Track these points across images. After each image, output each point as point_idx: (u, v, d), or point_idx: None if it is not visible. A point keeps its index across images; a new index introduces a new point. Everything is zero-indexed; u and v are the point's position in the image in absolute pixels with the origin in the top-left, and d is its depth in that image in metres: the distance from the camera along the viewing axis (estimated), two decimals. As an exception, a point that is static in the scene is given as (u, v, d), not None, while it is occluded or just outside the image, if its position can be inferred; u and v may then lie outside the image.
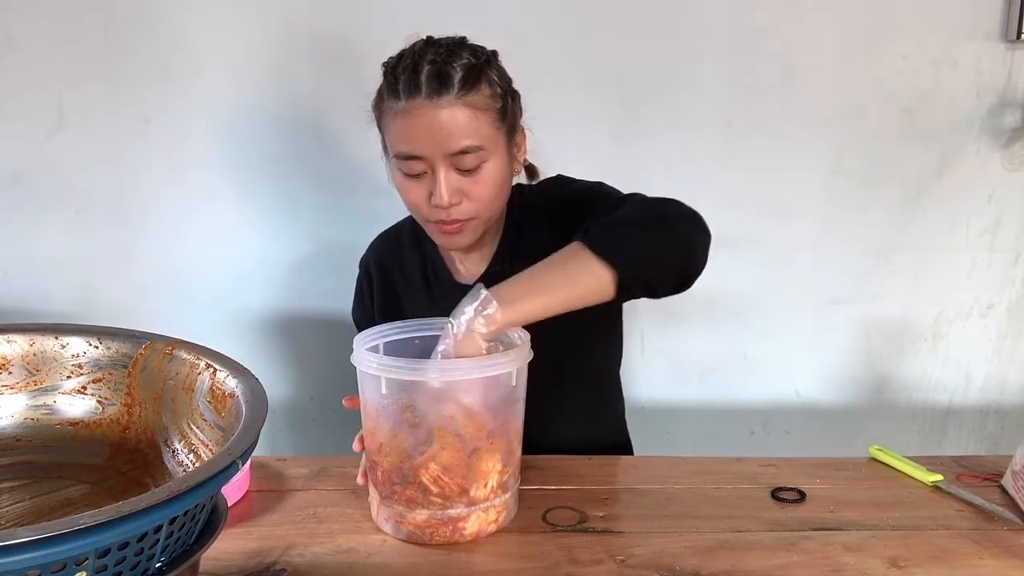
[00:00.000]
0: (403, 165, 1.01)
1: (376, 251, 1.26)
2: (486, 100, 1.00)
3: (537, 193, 1.17)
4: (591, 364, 1.21)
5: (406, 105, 0.97)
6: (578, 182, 1.14)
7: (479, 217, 1.04)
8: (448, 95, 0.96)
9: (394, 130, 1.00)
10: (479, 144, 0.99)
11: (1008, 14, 1.58)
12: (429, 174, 1.00)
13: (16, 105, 1.58)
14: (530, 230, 1.14)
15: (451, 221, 1.02)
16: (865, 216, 1.68)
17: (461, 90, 0.97)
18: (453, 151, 0.98)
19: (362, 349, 0.88)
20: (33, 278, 1.65)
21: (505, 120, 1.03)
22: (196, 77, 1.58)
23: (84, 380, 0.77)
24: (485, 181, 1.01)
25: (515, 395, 0.90)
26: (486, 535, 0.90)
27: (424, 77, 0.96)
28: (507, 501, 0.91)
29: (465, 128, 0.97)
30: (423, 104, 0.96)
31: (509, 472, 0.91)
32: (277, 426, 1.74)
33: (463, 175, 1.00)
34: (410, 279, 1.21)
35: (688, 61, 1.60)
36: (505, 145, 1.04)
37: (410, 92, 0.97)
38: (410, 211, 1.09)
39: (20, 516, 0.66)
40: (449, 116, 0.96)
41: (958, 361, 1.78)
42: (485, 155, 1.00)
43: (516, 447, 0.92)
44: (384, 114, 1.02)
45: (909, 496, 1.00)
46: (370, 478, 0.93)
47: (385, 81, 1.02)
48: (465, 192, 1.01)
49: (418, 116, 0.97)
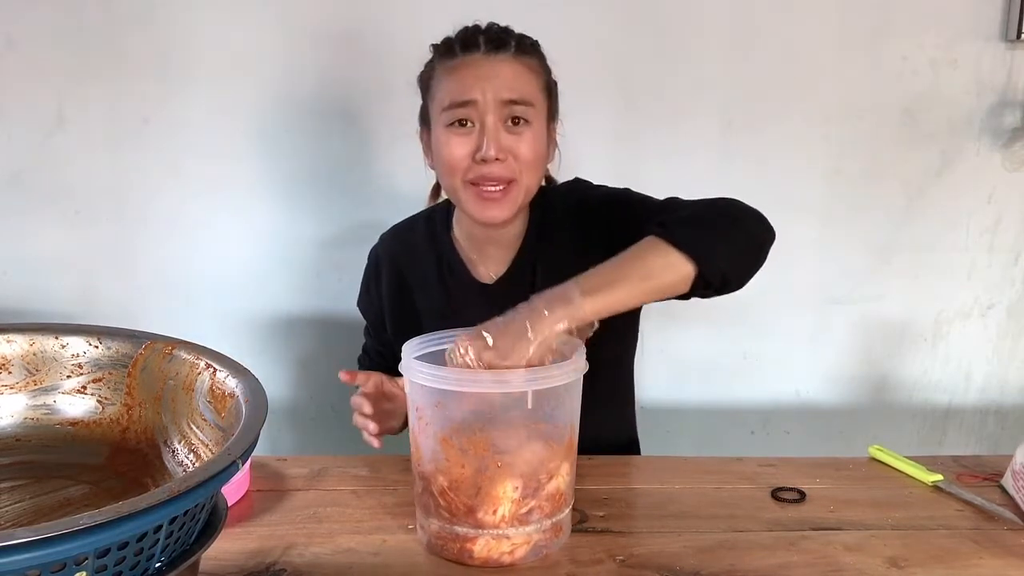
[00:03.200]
0: (452, 114, 1.02)
1: (388, 243, 1.24)
2: (537, 66, 1.06)
3: (559, 196, 1.16)
4: (607, 351, 1.19)
5: (463, 59, 1.02)
6: (603, 187, 1.15)
7: (519, 181, 1.04)
8: (506, 51, 1.02)
9: (447, 83, 1.03)
10: (530, 99, 1.03)
11: (1008, 14, 1.58)
12: (476, 128, 1.02)
13: (16, 105, 1.58)
14: (554, 233, 1.13)
15: (493, 182, 1.02)
16: (865, 216, 1.68)
17: (517, 50, 1.03)
18: (506, 99, 1.01)
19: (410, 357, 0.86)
20: (33, 278, 1.65)
21: (550, 97, 1.08)
22: (196, 77, 1.57)
23: (84, 380, 0.77)
24: (528, 143, 1.03)
25: (533, 417, 0.83)
26: (498, 564, 0.84)
27: (482, 38, 1.02)
28: (529, 535, 0.84)
29: (519, 80, 1.02)
30: (480, 58, 1.02)
31: (532, 506, 0.83)
32: (277, 426, 1.74)
33: (511, 130, 1.02)
34: (424, 275, 1.18)
35: (688, 60, 1.60)
36: (547, 120, 1.08)
37: (467, 48, 1.02)
38: (446, 179, 1.07)
39: (20, 516, 0.66)
40: (505, 67, 1.02)
41: (958, 361, 1.78)
42: (533, 113, 1.03)
43: (547, 482, 0.83)
44: (434, 76, 1.06)
45: (909, 496, 1.00)
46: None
47: (438, 50, 1.06)
48: (512, 150, 1.02)
49: (475, 67, 1.01)
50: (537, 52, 1.07)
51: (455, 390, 0.81)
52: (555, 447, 0.85)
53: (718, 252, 0.90)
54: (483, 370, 0.81)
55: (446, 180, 1.07)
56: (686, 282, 0.90)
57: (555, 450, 0.84)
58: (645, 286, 0.89)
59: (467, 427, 0.82)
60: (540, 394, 0.82)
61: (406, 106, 1.65)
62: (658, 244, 0.90)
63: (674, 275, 0.89)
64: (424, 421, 0.85)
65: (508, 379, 0.80)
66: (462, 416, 0.83)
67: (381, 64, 1.57)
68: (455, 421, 0.83)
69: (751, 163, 1.64)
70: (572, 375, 0.83)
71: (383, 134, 1.61)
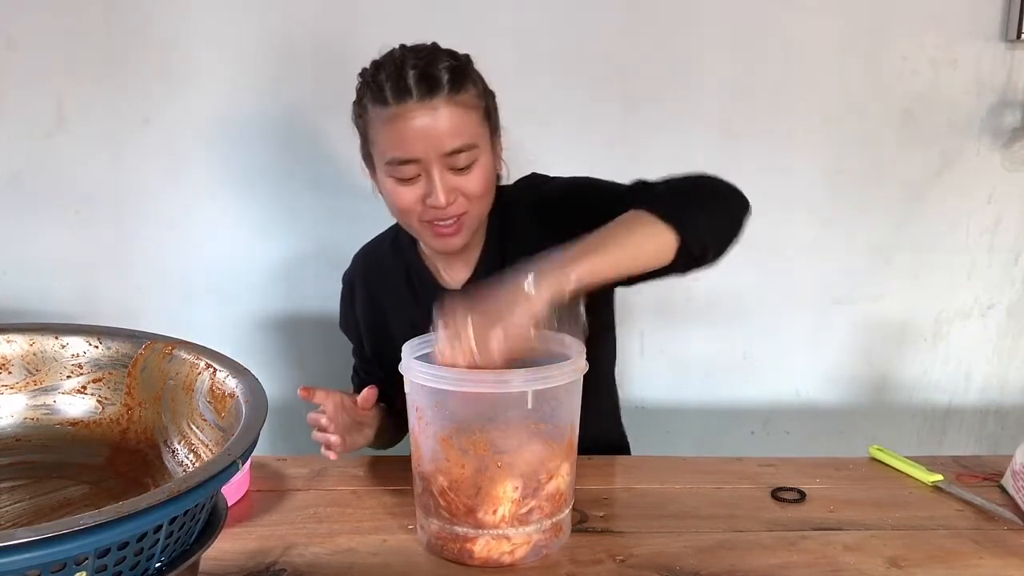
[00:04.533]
0: (396, 171, 1.01)
1: (358, 266, 1.27)
2: (473, 99, 1.01)
3: (516, 193, 1.15)
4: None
5: (396, 110, 0.97)
6: (559, 177, 1.14)
7: (471, 213, 1.04)
8: (439, 96, 0.97)
9: (384, 136, 1.00)
10: (472, 142, 1.00)
11: (1008, 14, 1.58)
12: (423, 177, 1.01)
13: (16, 105, 1.57)
14: (516, 231, 1.13)
15: (446, 221, 1.03)
16: (865, 216, 1.68)
17: (451, 91, 0.97)
18: (448, 151, 0.98)
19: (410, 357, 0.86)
20: (33, 278, 1.65)
21: (490, 119, 1.06)
22: (196, 77, 1.57)
23: (84, 380, 0.77)
24: (476, 178, 1.02)
25: (533, 417, 0.83)
26: (498, 564, 0.84)
27: (412, 80, 0.96)
28: (529, 535, 0.85)
29: (458, 127, 0.98)
30: (414, 107, 0.96)
31: (532, 506, 0.84)
32: (277, 426, 1.74)
33: (457, 174, 1.01)
34: (394, 289, 1.20)
35: (688, 61, 1.59)
36: (491, 143, 1.06)
37: (399, 96, 0.97)
38: (399, 218, 1.08)
39: (20, 516, 0.66)
40: (442, 116, 0.97)
41: (958, 361, 1.77)
42: (477, 152, 1.01)
43: (547, 482, 0.84)
44: (370, 123, 1.02)
45: (909, 496, 1.01)
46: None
47: (368, 89, 1.01)
48: (460, 189, 1.02)
49: (410, 119, 0.97)
50: (469, 77, 1.01)
51: (455, 390, 0.81)
52: (555, 447, 0.85)
53: (700, 222, 0.93)
54: (482, 370, 0.81)
55: (400, 219, 1.08)
56: (669, 251, 0.91)
57: (555, 450, 0.85)
58: (629, 253, 0.90)
59: (467, 427, 0.83)
60: (540, 394, 0.82)
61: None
62: (641, 215, 0.92)
63: (657, 243, 0.91)
64: (424, 421, 0.85)
65: (508, 379, 0.80)
66: (462, 416, 0.83)
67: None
68: (455, 421, 0.83)
69: (751, 163, 1.64)
70: (572, 375, 0.83)
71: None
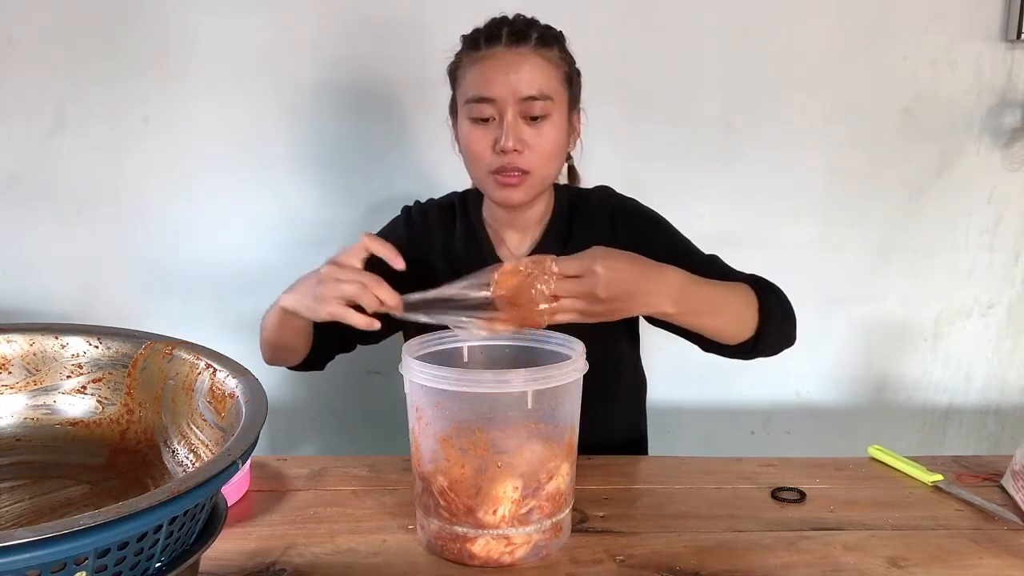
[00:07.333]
0: (474, 109, 1.06)
1: (424, 208, 1.25)
2: (557, 59, 1.09)
3: (593, 195, 1.20)
4: (608, 345, 1.19)
5: (485, 52, 1.06)
6: (636, 201, 1.21)
7: (534, 173, 1.08)
8: (526, 46, 1.06)
9: (470, 76, 1.08)
10: (548, 94, 1.06)
11: (1008, 14, 1.58)
12: (496, 121, 1.06)
13: (16, 105, 1.58)
14: (583, 227, 1.17)
15: (511, 170, 1.06)
16: (865, 216, 1.68)
17: (537, 44, 1.06)
18: (524, 95, 1.04)
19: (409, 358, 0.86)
20: (33, 278, 1.65)
21: (570, 87, 1.11)
22: (196, 77, 1.57)
23: (84, 380, 0.77)
24: (546, 136, 1.07)
25: (533, 417, 0.83)
26: (498, 564, 0.84)
27: (505, 31, 1.07)
28: (529, 535, 0.84)
29: (538, 75, 1.05)
30: (501, 51, 1.06)
31: (532, 506, 0.84)
32: (277, 426, 1.74)
33: (529, 124, 1.06)
34: (449, 242, 1.20)
35: (688, 60, 1.60)
36: (566, 111, 1.11)
37: (490, 41, 1.06)
38: (470, 167, 1.12)
39: (20, 516, 0.66)
40: (525, 62, 1.05)
41: (958, 361, 1.78)
42: (551, 107, 1.06)
43: (547, 482, 0.84)
44: (460, 66, 1.11)
45: (909, 496, 1.01)
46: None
47: (465, 41, 1.11)
48: (528, 143, 1.06)
49: (495, 60, 1.05)
50: (559, 43, 1.10)
51: (455, 390, 0.81)
52: (555, 447, 0.85)
53: (776, 334, 1.04)
54: (483, 370, 0.81)
55: (471, 168, 1.13)
56: (737, 337, 1.02)
57: (555, 450, 0.85)
58: (717, 319, 0.99)
59: (467, 427, 0.82)
60: (540, 394, 0.82)
61: (405, 104, 1.65)
62: (749, 296, 1.02)
63: (739, 326, 1.01)
64: (424, 421, 0.85)
65: (508, 379, 0.80)
66: (462, 416, 0.83)
67: (382, 63, 1.57)
68: (455, 421, 0.83)
69: (751, 163, 1.64)
70: (572, 375, 0.83)
71: (383, 135, 1.61)
